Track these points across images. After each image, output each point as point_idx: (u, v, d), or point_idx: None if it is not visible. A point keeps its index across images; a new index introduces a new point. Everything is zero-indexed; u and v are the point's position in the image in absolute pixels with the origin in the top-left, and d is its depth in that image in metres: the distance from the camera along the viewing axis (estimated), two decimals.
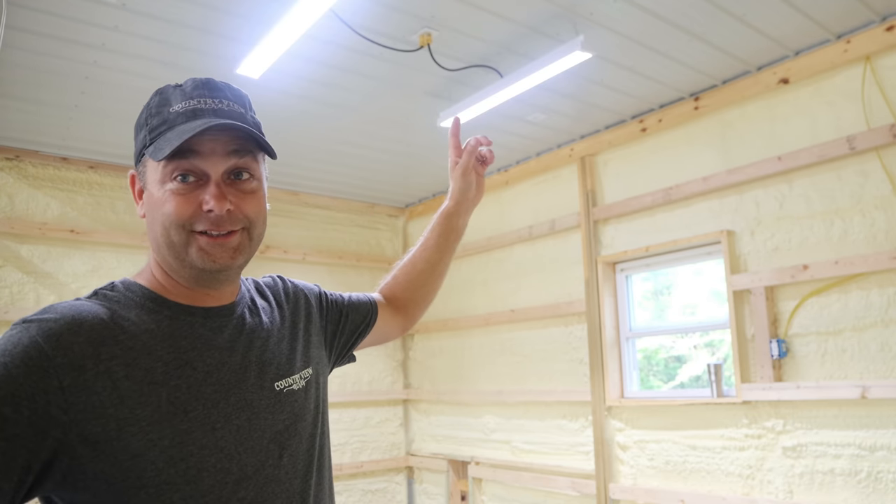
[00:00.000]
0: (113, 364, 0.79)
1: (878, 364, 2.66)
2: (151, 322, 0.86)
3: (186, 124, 0.85)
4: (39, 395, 0.73)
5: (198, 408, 0.83)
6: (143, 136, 0.89)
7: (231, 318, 0.94)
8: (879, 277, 2.68)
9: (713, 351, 3.54)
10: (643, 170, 3.62)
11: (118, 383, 0.78)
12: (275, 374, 0.95)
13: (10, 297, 3.75)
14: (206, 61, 2.89)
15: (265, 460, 0.88)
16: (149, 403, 0.79)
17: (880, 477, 2.62)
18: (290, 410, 0.94)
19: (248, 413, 0.88)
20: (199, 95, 0.88)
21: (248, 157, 0.89)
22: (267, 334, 0.98)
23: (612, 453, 3.63)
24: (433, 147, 4.07)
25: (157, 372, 0.82)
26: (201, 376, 0.85)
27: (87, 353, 0.77)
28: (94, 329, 0.80)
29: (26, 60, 2.84)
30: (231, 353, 0.91)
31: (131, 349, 0.81)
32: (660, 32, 2.78)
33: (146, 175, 0.89)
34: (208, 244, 0.86)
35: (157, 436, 0.78)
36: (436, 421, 4.98)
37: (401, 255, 5.46)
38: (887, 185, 2.69)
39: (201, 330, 0.89)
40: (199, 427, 0.82)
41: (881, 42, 2.69)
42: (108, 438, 0.76)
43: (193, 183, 0.86)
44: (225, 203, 0.85)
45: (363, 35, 2.70)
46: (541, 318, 4.15)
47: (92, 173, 4.09)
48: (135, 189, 0.93)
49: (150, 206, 0.89)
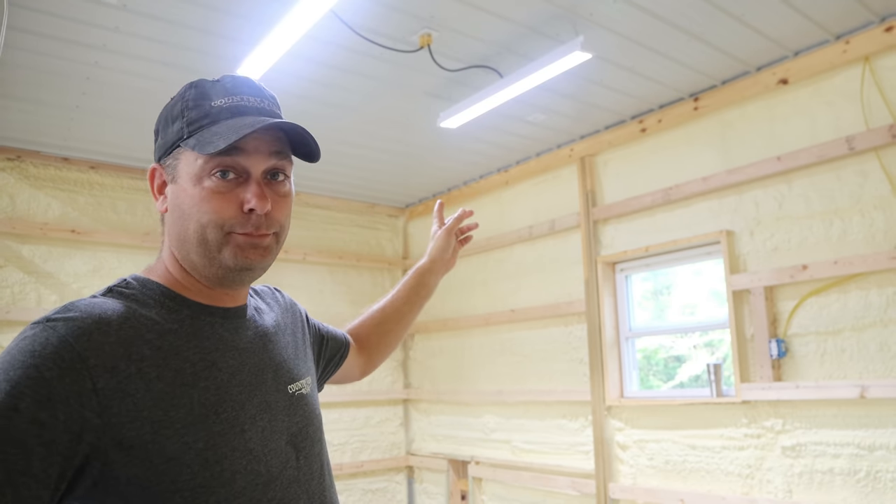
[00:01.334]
0: (144, 365, 0.76)
1: (877, 364, 2.66)
2: (173, 321, 0.84)
3: (233, 120, 0.84)
4: (73, 398, 0.70)
5: (227, 409, 0.82)
6: (179, 129, 0.85)
7: (245, 320, 0.93)
8: (878, 277, 2.69)
9: (713, 351, 3.54)
10: (643, 170, 3.63)
11: (151, 385, 0.76)
12: (287, 377, 0.95)
13: (12, 296, 3.76)
14: (206, 62, 2.90)
15: (286, 462, 0.88)
16: (182, 405, 0.77)
17: (879, 476, 2.62)
18: (302, 413, 0.94)
19: (269, 415, 0.87)
20: (241, 92, 0.87)
21: (286, 159, 0.89)
22: (276, 338, 0.98)
23: (612, 453, 3.63)
24: (433, 147, 4.07)
25: (187, 373, 0.80)
26: (227, 377, 0.84)
27: (118, 354, 0.75)
28: (121, 328, 0.77)
29: (27, 61, 2.85)
30: (250, 355, 0.90)
31: (160, 349, 0.79)
32: (659, 33, 2.78)
33: (177, 168, 0.86)
34: (245, 242, 0.84)
35: (191, 438, 0.76)
36: (436, 421, 4.98)
37: (401, 254, 5.50)
38: (886, 186, 2.69)
39: (221, 330, 0.88)
40: (230, 429, 0.81)
41: (880, 43, 2.70)
42: (143, 442, 0.73)
43: (233, 181, 0.84)
44: (266, 203, 0.84)
45: (363, 36, 2.71)
46: (541, 318, 4.15)
47: (93, 173, 4.10)
48: (155, 183, 0.90)
49: (178, 201, 0.86)
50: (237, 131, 0.81)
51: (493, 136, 3.91)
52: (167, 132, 0.88)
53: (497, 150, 4.15)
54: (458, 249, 1.50)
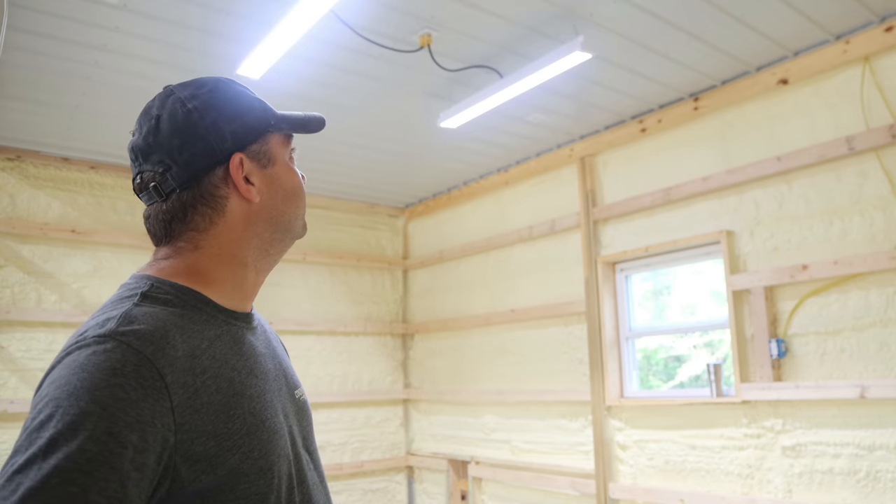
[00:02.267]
0: (206, 378, 0.76)
1: (877, 364, 2.66)
2: (215, 328, 0.83)
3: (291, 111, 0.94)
4: (158, 419, 0.68)
5: (269, 417, 0.82)
6: (264, 113, 0.90)
7: (254, 326, 0.93)
8: (878, 277, 2.69)
9: (713, 351, 3.54)
10: (643, 170, 3.63)
11: (212, 398, 0.75)
12: (292, 383, 0.96)
13: (12, 296, 3.76)
14: (206, 62, 2.90)
15: (306, 465, 0.89)
16: (237, 416, 0.77)
17: (879, 476, 2.62)
18: (307, 419, 0.96)
19: (289, 420, 0.88)
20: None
21: None
22: (278, 346, 1.00)
23: (612, 453, 3.63)
24: (433, 147, 4.07)
25: (237, 382, 0.80)
26: (262, 384, 0.84)
27: (186, 368, 0.74)
28: (182, 340, 0.76)
29: (28, 61, 2.85)
30: (269, 360, 0.91)
31: (214, 358, 0.79)
32: (659, 33, 2.78)
33: (270, 153, 0.90)
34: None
35: (248, 448, 0.77)
36: (436, 421, 4.98)
37: (401, 254, 5.49)
38: (886, 186, 2.69)
39: (246, 335, 0.88)
40: (273, 435, 0.81)
41: (880, 43, 2.70)
42: (208, 455, 0.72)
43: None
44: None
45: (363, 36, 2.71)
46: (541, 318, 4.15)
47: (93, 173, 4.10)
48: (241, 173, 0.86)
49: (279, 183, 0.90)
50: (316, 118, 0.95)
51: (493, 136, 3.91)
52: (246, 118, 0.87)
53: (497, 150, 4.15)
54: None
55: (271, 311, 4.61)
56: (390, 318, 5.29)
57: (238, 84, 0.92)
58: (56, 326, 3.85)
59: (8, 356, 3.72)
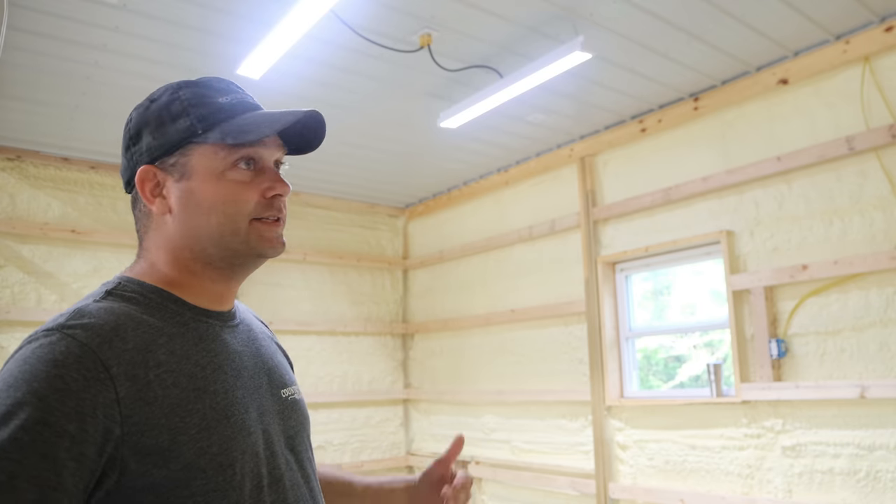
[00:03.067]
0: (161, 371, 0.76)
1: (877, 364, 2.66)
2: (179, 325, 0.83)
3: (250, 114, 0.87)
4: (100, 409, 0.69)
5: (235, 413, 0.82)
6: (188, 126, 0.85)
7: (235, 323, 0.94)
8: (878, 277, 2.69)
9: (713, 351, 3.54)
10: (643, 170, 3.63)
11: (167, 391, 0.76)
12: (279, 382, 0.95)
13: (12, 296, 3.76)
14: (206, 62, 2.90)
15: (286, 465, 0.88)
16: (196, 411, 0.77)
17: (879, 476, 2.62)
18: (296, 418, 0.95)
19: (268, 418, 0.88)
20: (234, 91, 0.90)
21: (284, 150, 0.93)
22: (265, 343, 0.99)
23: (612, 453, 3.63)
24: (433, 147, 4.07)
25: (199, 378, 0.80)
26: (232, 381, 0.84)
27: (137, 361, 0.74)
28: (136, 333, 0.77)
29: (27, 61, 2.85)
30: (247, 358, 0.90)
31: (172, 353, 0.79)
32: (659, 33, 2.78)
33: (189, 164, 0.85)
34: (268, 230, 0.87)
35: (206, 443, 0.77)
36: (436, 420, 4.98)
37: (401, 254, 5.48)
38: (886, 186, 2.69)
39: (220, 332, 0.88)
40: (239, 432, 0.81)
41: (880, 43, 2.70)
42: (161, 449, 0.73)
43: (253, 170, 0.87)
44: (287, 187, 0.88)
45: (363, 36, 2.71)
46: (541, 318, 4.15)
47: (93, 173, 4.10)
48: (148, 185, 0.87)
49: (194, 196, 0.85)
50: (278, 119, 0.85)
51: (493, 136, 3.91)
52: (164, 131, 0.86)
53: (497, 150, 4.14)
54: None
55: (271, 311, 4.61)
56: (390, 318, 5.29)
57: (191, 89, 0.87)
58: None
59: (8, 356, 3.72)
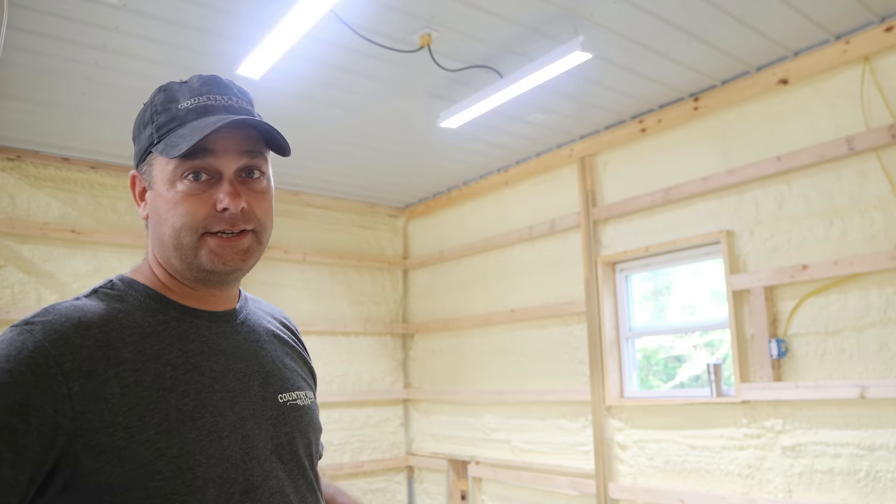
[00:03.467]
0: (122, 369, 0.76)
1: (877, 364, 2.66)
2: (158, 324, 0.83)
3: (199, 121, 0.83)
4: (48, 404, 0.70)
5: (205, 415, 0.80)
6: (150, 134, 0.86)
7: (234, 324, 0.92)
8: (878, 277, 2.69)
9: (713, 351, 3.54)
10: (643, 170, 3.63)
11: (127, 389, 0.75)
12: (279, 386, 0.92)
13: (12, 296, 3.76)
14: (206, 62, 2.90)
15: (270, 471, 0.85)
16: (158, 411, 0.76)
17: (879, 476, 2.62)
18: (293, 424, 0.92)
19: (252, 422, 0.85)
20: (208, 92, 0.87)
21: (260, 156, 0.88)
22: (271, 346, 0.96)
23: (612, 453, 3.63)
24: (433, 147, 4.07)
25: (167, 377, 0.79)
26: (208, 382, 0.83)
27: (96, 358, 0.74)
28: (101, 331, 0.77)
29: (27, 61, 2.85)
30: (236, 360, 0.88)
31: (140, 352, 0.79)
32: (660, 33, 2.78)
33: (152, 174, 0.86)
34: (219, 246, 0.84)
35: (164, 444, 0.75)
36: (436, 420, 4.98)
37: (401, 254, 5.48)
38: (886, 186, 2.69)
39: (207, 333, 0.87)
40: (207, 436, 0.79)
41: (880, 43, 2.70)
42: (116, 448, 0.73)
43: (206, 182, 0.83)
44: (240, 201, 0.83)
45: (363, 36, 2.71)
46: (541, 318, 4.15)
47: (93, 173, 4.10)
48: (136, 190, 0.90)
49: (156, 206, 0.86)
50: (199, 131, 0.80)
51: (493, 136, 3.91)
52: (140, 139, 0.88)
53: (497, 150, 4.14)
54: None
55: None
56: (390, 318, 5.29)
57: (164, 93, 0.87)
58: None
59: None
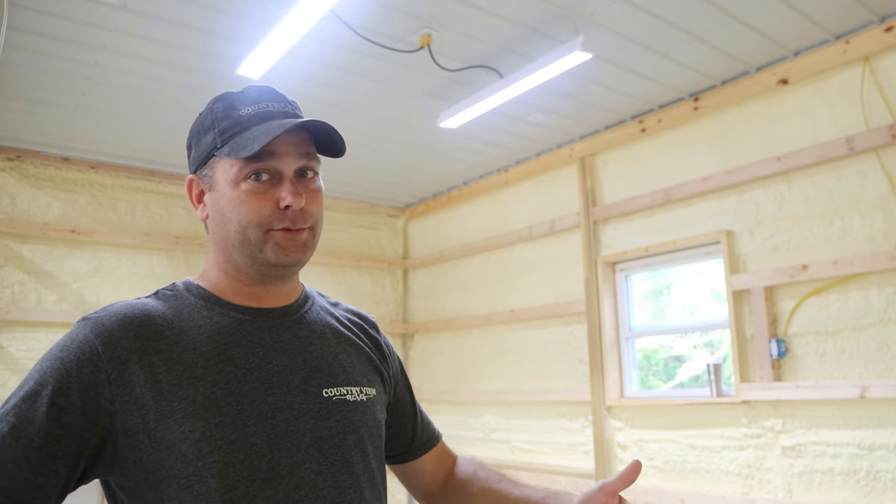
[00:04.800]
0: (157, 359, 0.84)
1: (877, 364, 2.66)
2: (200, 319, 0.90)
3: (263, 125, 0.90)
4: (90, 387, 0.80)
5: (231, 403, 0.85)
6: (212, 139, 0.92)
7: (285, 320, 0.96)
8: (878, 277, 2.69)
9: (713, 351, 3.54)
10: (643, 170, 3.63)
11: (159, 377, 0.83)
12: (325, 380, 0.93)
13: (12, 296, 3.76)
14: (206, 62, 2.90)
15: (302, 463, 0.87)
16: (185, 397, 0.83)
17: (879, 476, 2.62)
18: (338, 419, 0.92)
19: (286, 414, 0.88)
20: (266, 99, 0.94)
21: (314, 158, 0.95)
22: (325, 342, 0.98)
23: (612, 453, 3.63)
24: (433, 147, 4.07)
25: (198, 367, 0.85)
26: (241, 373, 0.87)
27: (133, 349, 0.83)
28: (143, 325, 0.86)
29: (27, 61, 2.85)
30: (277, 354, 0.91)
31: (177, 344, 0.86)
32: (659, 33, 2.78)
33: (214, 176, 0.93)
34: (283, 239, 0.90)
35: (189, 428, 0.81)
36: (436, 420, 4.97)
37: (401, 254, 5.48)
38: (886, 186, 2.69)
39: (249, 328, 0.92)
40: (231, 422, 0.83)
41: (880, 43, 2.70)
42: (146, 429, 0.81)
43: (267, 182, 0.90)
44: (301, 199, 0.90)
45: (363, 36, 2.71)
46: (541, 318, 4.15)
47: (93, 173, 4.10)
48: (193, 193, 0.97)
49: (218, 206, 0.92)
50: (268, 133, 0.87)
51: (493, 136, 3.91)
52: (200, 145, 0.95)
53: (497, 150, 4.15)
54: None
55: None
56: (390, 318, 5.29)
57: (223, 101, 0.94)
58: (56, 326, 3.85)
59: (8, 356, 3.72)
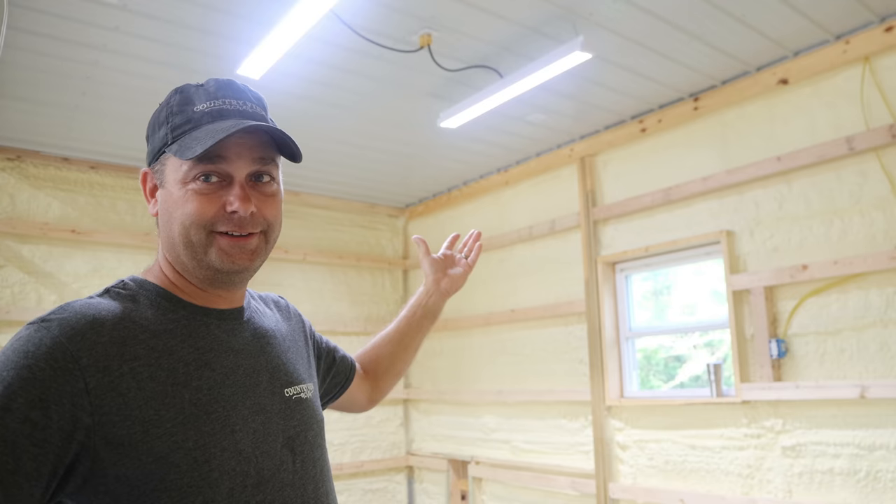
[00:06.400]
0: (137, 364, 0.78)
1: (877, 364, 2.66)
2: (168, 322, 0.85)
3: (213, 124, 0.85)
4: (66, 398, 0.71)
5: (218, 409, 0.82)
6: (164, 134, 0.88)
7: (242, 322, 0.94)
8: (878, 277, 2.69)
9: (713, 351, 3.54)
10: (643, 170, 3.63)
11: (143, 384, 0.77)
12: (284, 380, 0.95)
13: (12, 297, 3.76)
14: (206, 62, 2.90)
15: (280, 465, 0.87)
16: (173, 405, 0.78)
17: (879, 476, 2.62)
18: (299, 418, 0.94)
19: (262, 417, 0.87)
20: (224, 96, 0.89)
21: (271, 163, 0.90)
22: (275, 341, 0.98)
23: (612, 453, 3.63)
24: (433, 147, 4.07)
25: (180, 373, 0.81)
26: (220, 378, 0.85)
27: (111, 353, 0.76)
28: (115, 328, 0.79)
29: (27, 61, 2.85)
30: (245, 357, 0.90)
31: (153, 349, 0.81)
32: (659, 33, 2.78)
33: (164, 173, 0.88)
34: (228, 245, 0.86)
35: (181, 437, 0.77)
36: (436, 420, 4.98)
37: (401, 254, 5.48)
38: (886, 186, 2.69)
39: (217, 331, 0.89)
40: (221, 429, 0.81)
41: (880, 43, 2.70)
42: (133, 441, 0.75)
43: (216, 183, 0.86)
44: (250, 205, 0.85)
45: (364, 36, 2.71)
46: (541, 318, 4.15)
47: (93, 173, 4.10)
48: (146, 187, 0.92)
49: (166, 204, 0.88)
50: (213, 136, 0.82)
51: (493, 136, 3.91)
52: (154, 138, 0.90)
53: (497, 150, 4.15)
54: (464, 269, 1.38)
55: None
56: (390, 318, 5.24)
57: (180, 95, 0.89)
58: None
59: None
